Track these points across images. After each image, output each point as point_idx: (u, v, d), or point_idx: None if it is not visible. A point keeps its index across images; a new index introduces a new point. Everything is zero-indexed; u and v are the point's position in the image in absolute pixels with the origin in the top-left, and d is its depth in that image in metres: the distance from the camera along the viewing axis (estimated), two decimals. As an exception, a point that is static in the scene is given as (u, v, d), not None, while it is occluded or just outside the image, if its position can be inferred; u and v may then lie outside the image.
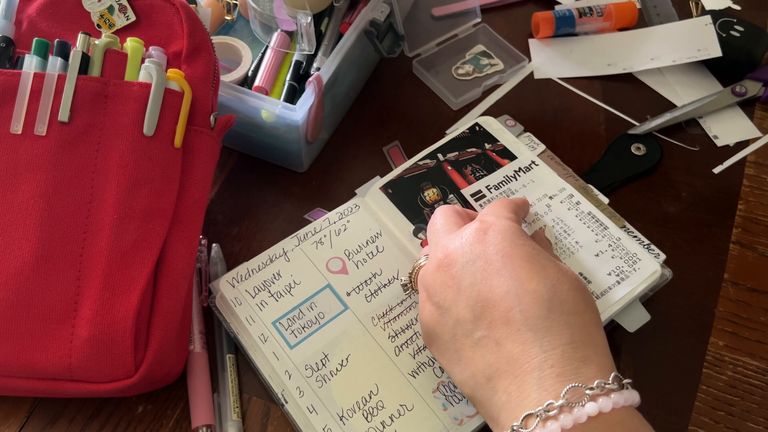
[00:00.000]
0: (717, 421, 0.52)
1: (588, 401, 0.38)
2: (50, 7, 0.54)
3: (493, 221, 0.46)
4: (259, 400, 0.53)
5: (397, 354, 0.52)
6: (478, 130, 0.62)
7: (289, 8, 0.62)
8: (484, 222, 0.46)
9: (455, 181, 0.59)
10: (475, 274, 0.44)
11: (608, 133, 0.67)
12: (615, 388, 0.38)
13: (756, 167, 0.65)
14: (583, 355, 0.40)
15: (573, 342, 0.40)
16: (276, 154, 0.65)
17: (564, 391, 0.38)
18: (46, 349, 0.47)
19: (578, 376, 0.39)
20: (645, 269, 0.52)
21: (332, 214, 0.58)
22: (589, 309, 0.43)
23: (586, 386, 0.38)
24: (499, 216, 0.47)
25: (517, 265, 0.43)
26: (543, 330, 0.40)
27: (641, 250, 0.53)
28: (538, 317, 0.41)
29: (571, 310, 0.42)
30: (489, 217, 0.47)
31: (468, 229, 0.46)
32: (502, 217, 0.47)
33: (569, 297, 0.42)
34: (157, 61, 0.52)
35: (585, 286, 0.44)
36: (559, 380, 0.39)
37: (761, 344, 0.55)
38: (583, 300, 0.43)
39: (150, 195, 0.50)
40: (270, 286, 0.55)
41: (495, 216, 0.47)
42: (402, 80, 0.72)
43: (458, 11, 0.74)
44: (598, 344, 0.41)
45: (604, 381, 0.38)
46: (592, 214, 0.56)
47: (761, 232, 0.61)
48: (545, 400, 0.38)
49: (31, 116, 0.50)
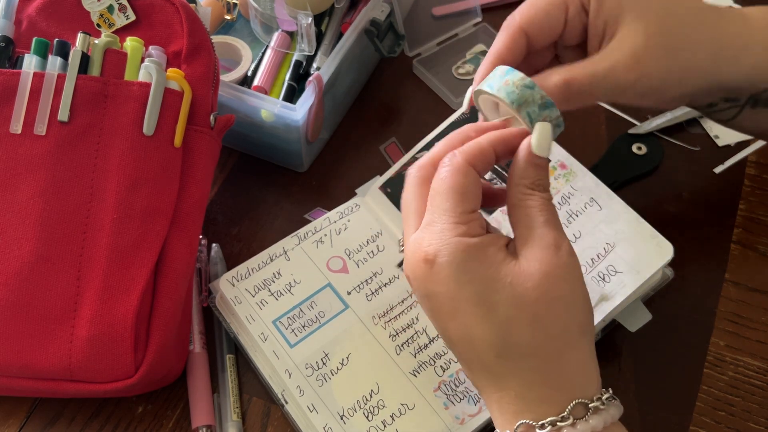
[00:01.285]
0: (718, 421, 0.52)
1: None
2: (50, 7, 0.54)
3: (438, 247, 0.39)
4: (259, 400, 0.53)
5: (398, 353, 0.52)
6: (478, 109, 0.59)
7: (290, 8, 0.62)
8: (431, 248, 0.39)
9: None
10: (431, 310, 0.41)
11: (609, 132, 0.67)
12: (568, 424, 0.38)
13: (757, 167, 0.65)
14: (538, 395, 0.39)
15: (526, 384, 0.39)
16: (276, 154, 0.65)
17: (516, 426, 0.39)
18: (46, 350, 0.47)
19: (533, 413, 0.39)
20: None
21: (332, 214, 0.58)
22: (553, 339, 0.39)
23: (537, 423, 0.38)
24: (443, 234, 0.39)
25: (463, 309, 0.39)
26: (496, 374, 0.39)
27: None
28: (491, 363, 0.39)
29: (524, 352, 0.38)
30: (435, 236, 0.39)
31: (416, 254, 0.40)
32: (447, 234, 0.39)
33: (523, 338, 0.38)
34: (157, 60, 0.52)
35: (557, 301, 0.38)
36: (514, 417, 0.39)
37: (762, 344, 0.55)
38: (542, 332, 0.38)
39: (150, 195, 0.50)
40: (270, 285, 0.54)
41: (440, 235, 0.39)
42: (402, 80, 0.72)
43: (459, 11, 0.74)
44: (558, 377, 0.39)
45: (557, 417, 0.38)
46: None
47: (762, 232, 0.61)
48: (504, 430, 0.39)
49: (30, 116, 0.50)
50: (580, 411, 0.38)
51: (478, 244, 0.39)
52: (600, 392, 0.39)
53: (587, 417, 0.38)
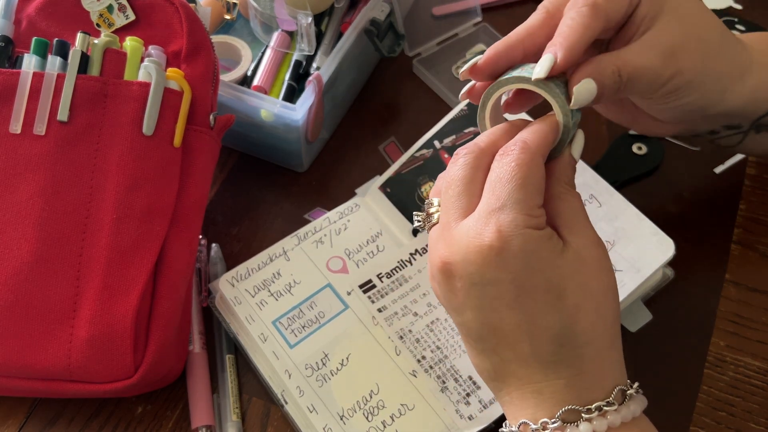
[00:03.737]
0: (718, 421, 0.52)
1: (583, 422, 0.38)
2: (49, 7, 0.54)
3: (509, 235, 0.38)
4: (259, 400, 0.53)
5: (397, 353, 0.52)
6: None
7: (290, 8, 0.62)
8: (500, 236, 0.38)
9: None
10: (482, 299, 0.39)
11: (609, 132, 0.67)
12: (613, 409, 0.38)
13: (757, 167, 0.65)
14: (590, 383, 0.39)
15: (581, 373, 0.39)
16: (276, 154, 0.65)
17: (559, 412, 0.39)
18: (46, 350, 0.47)
19: (579, 400, 0.39)
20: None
21: (332, 214, 0.58)
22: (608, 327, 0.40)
23: (584, 407, 0.38)
24: (517, 224, 0.38)
25: (532, 297, 0.38)
26: (551, 363, 0.39)
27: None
28: (548, 352, 0.39)
29: (585, 341, 0.39)
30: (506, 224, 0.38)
31: (477, 239, 0.39)
32: (520, 225, 0.38)
33: (586, 327, 0.39)
34: (157, 60, 0.52)
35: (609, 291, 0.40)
36: (557, 405, 0.39)
37: (763, 344, 0.55)
38: (601, 320, 0.39)
39: (149, 195, 0.50)
40: (270, 286, 0.54)
41: (513, 224, 0.38)
42: (402, 79, 0.72)
43: (459, 10, 0.74)
44: (608, 365, 0.40)
45: (603, 403, 0.39)
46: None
47: (763, 232, 0.61)
48: (540, 418, 0.39)
49: (30, 116, 0.50)
50: (619, 397, 0.39)
51: (545, 236, 0.39)
52: (627, 381, 0.41)
53: (627, 403, 0.39)
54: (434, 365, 0.51)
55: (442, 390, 0.50)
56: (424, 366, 0.51)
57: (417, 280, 0.54)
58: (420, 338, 0.52)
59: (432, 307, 0.53)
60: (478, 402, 0.50)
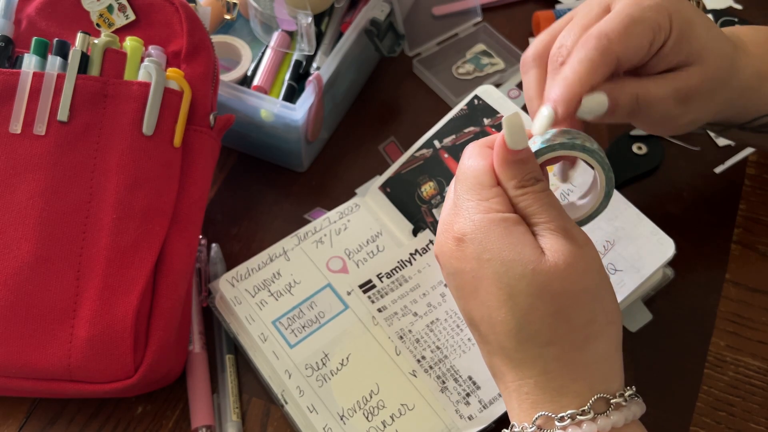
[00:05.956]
0: (718, 421, 0.52)
1: (557, 430, 0.38)
2: (49, 7, 0.54)
3: (464, 228, 0.40)
4: (258, 400, 0.53)
5: (397, 353, 0.52)
6: (477, 104, 0.58)
7: (290, 8, 0.62)
8: (459, 229, 0.40)
9: (452, 170, 0.57)
10: (457, 288, 0.41)
11: (609, 132, 0.67)
12: (588, 418, 0.38)
13: (757, 167, 0.65)
14: (559, 384, 0.39)
15: (547, 372, 0.39)
16: (276, 154, 0.65)
17: (534, 417, 0.38)
18: (46, 350, 0.47)
19: (552, 404, 0.38)
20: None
21: (332, 214, 0.58)
22: (578, 329, 0.38)
23: (556, 416, 0.38)
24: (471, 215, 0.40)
25: (485, 290, 0.39)
26: (516, 360, 0.39)
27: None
28: (510, 348, 0.39)
29: (544, 341, 0.38)
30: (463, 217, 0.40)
31: (447, 232, 0.41)
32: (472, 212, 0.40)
33: (543, 327, 0.38)
34: (157, 60, 0.52)
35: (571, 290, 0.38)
36: (533, 407, 0.39)
37: (763, 344, 0.55)
38: (564, 321, 0.38)
39: (149, 195, 0.50)
40: (270, 286, 0.54)
41: (468, 217, 0.40)
42: (402, 79, 0.72)
43: (459, 10, 0.74)
44: (580, 368, 0.39)
45: (577, 411, 0.38)
46: None
47: (763, 232, 0.61)
48: (521, 422, 0.39)
49: (30, 116, 0.50)
50: (601, 406, 0.38)
51: (501, 220, 0.39)
52: (623, 388, 0.39)
53: (608, 413, 0.38)
54: (434, 365, 0.51)
55: (441, 390, 0.50)
56: (424, 366, 0.51)
57: (417, 280, 0.54)
58: (420, 338, 0.52)
59: (432, 308, 0.53)
60: (478, 402, 0.50)
